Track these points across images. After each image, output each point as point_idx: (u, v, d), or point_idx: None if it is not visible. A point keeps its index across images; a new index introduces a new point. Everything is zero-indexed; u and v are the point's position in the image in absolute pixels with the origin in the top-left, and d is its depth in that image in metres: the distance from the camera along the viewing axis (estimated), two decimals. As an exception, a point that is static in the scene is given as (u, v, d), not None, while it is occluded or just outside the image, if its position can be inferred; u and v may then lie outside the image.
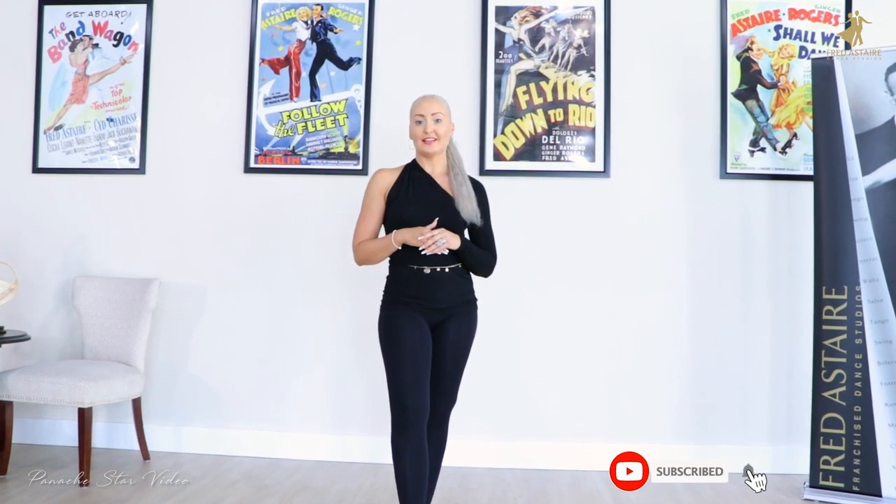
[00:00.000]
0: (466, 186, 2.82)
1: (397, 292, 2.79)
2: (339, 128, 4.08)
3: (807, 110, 3.91)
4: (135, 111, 4.18)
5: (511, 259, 3.56)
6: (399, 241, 2.72)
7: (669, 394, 3.94)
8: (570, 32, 4.03)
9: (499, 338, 3.85)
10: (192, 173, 4.15)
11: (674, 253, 3.98)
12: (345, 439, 3.99)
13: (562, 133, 4.00)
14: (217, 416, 4.06)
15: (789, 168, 3.94)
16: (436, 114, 2.78)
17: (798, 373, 3.87)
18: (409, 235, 2.69)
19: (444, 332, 2.78)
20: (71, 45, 4.24)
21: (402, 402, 2.64)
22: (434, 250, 2.66)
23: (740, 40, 3.99)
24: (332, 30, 4.12)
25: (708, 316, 3.95)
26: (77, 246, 4.17)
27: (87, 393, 3.46)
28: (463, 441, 3.74)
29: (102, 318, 3.95)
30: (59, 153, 4.20)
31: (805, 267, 3.86)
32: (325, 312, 4.05)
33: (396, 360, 2.68)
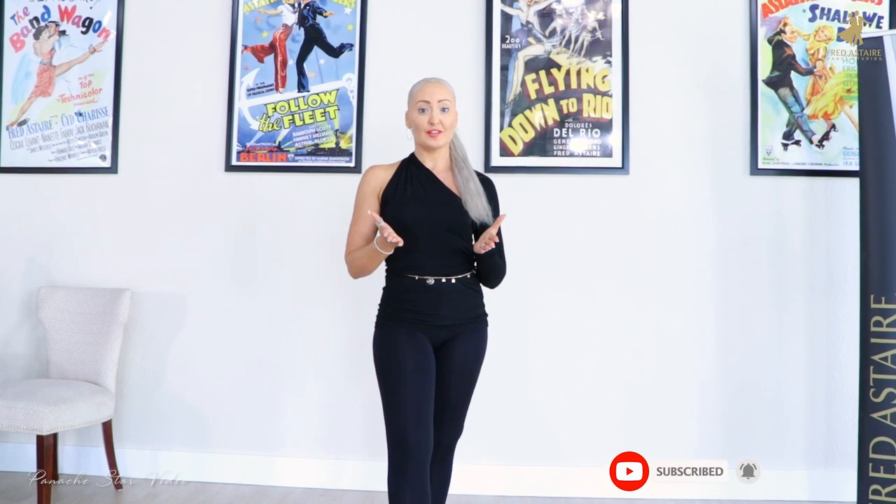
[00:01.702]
0: (474, 182, 2.47)
1: (395, 307, 2.45)
2: (329, 121, 3.76)
3: (846, 98, 3.57)
4: (106, 104, 3.86)
5: (520, 265, 3.24)
6: (378, 242, 2.34)
7: (695, 412, 3.62)
8: (583, 14, 3.69)
9: (506, 351, 3.52)
10: (169, 172, 3.84)
11: (699, 258, 3.65)
12: (338, 464, 3.68)
13: (575, 125, 3.68)
14: (197, 440, 3.75)
15: (827, 163, 3.61)
16: (442, 101, 2.44)
17: (839, 390, 3.56)
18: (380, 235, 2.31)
19: (449, 353, 2.44)
20: (35, 33, 3.92)
21: (401, 438, 2.29)
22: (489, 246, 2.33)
23: (772, 22, 3.65)
24: (321, 13, 3.80)
25: (737, 327, 3.63)
26: (42, 252, 3.85)
27: (46, 419, 3.11)
28: (467, 466, 3.40)
29: (70, 333, 3.63)
30: (23, 151, 3.88)
31: (845, 272, 3.57)
32: (316, 324, 3.74)
33: (394, 389, 2.33)
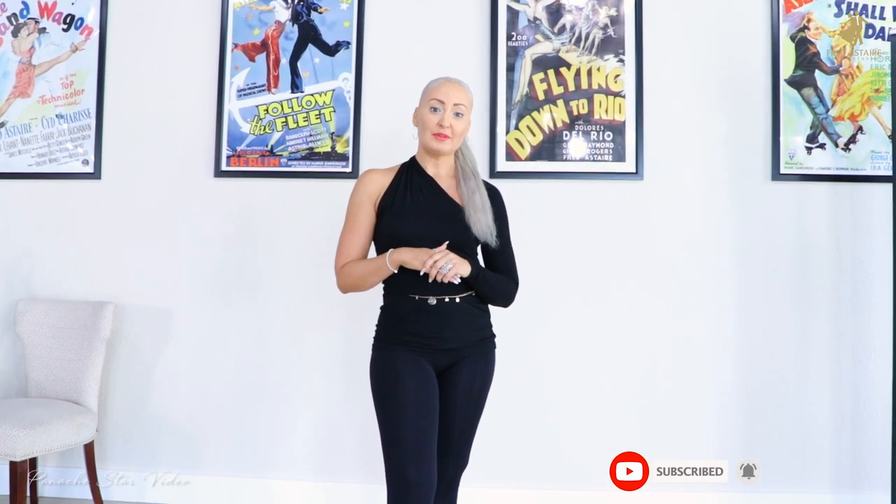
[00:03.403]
0: (480, 194, 2.28)
1: (394, 329, 2.25)
2: (324, 123, 3.58)
3: (875, 99, 3.38)
4: (88, 106, 3.68)
5: (528, 275, 3.04)
6: (396, 262, 2.18)
7: (713, 433, 3.44)
8: (594, 10, 3.51)
9: (513, 366, 3.31)
10: (155, 178, 3.66)
11: (717, 269, 3.48)
12: (333, 488, 3.51)
13: (586, 128, 3.49)
14: (185, 462, 3.57)
15: (853, 167, 3.42)
16: (458, 105, 2.27)
17: (867, 408, 3.39)
18: (410, 256, 2.16)
19: (454, 379, 2.26)
20: (13, 30, 3.73)
21: (402, 477, 2.10)
22: (440, 278, 2.09)
23: (795, 18, 3.46)
24: (316, 9, 3.62)
25: (757, 340, 3.45)
26: (21, 263, 3.67)
27: (19, 443, 2.91)
28: (474, 490, 3.21)
29: (49, 349, 3.43)
30: (2, 155, 3.70)
31: (873, 283, 3.39)
32: (310, 339, 3.56)
33: (395, 423, 2.13)
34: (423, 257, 2.13)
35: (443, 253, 2.13)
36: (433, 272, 2.10)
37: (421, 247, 2.18)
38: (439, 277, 2.11)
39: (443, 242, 2.18)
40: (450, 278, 2.11)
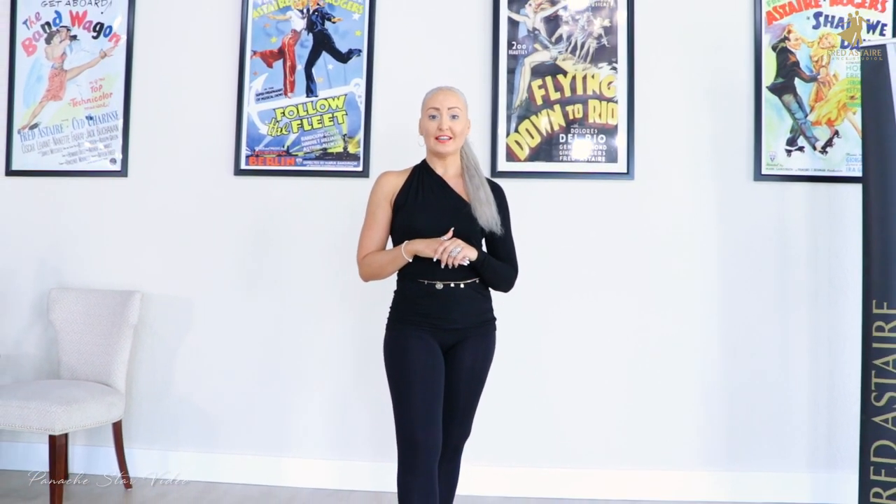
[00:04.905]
0: (484, 190, 2.51)
1: (406, 311, 2.49)
2: (337, 126, 3.78)
3: (850, 105, 3.60)
4: (116, 108, 3.88)
5: (526, 269, 3.25)
6: (410, 252, 2.42)
7: (698, 416, 3.64)
8: (589, 21, 3.71)
9: (512, 354, 3.54)
10: (178, 176, 3.86)
11: (703, 262, 3.68)
12: (346, 465, 3.70)
13: (581, 131, 3.70)
14: (206, 440, 3.77)
15: (830, 169, 3.63)
16: (452, 108, 2.48)
17: (841, 394, 3.59)
18: (423, 246, 2.39)
19: (458, 356, 2.48)
20: (47, 37, 3.94)
21: (410, 437, 2.33)
22: (451, 262, 2.33)
23: (776, 29, 3.67)
24: (329, 19, 3.81)
25: (740, 331, 3.65)
26: (53, 255, 3.87)
27: (58, 418, 3.14)
28: (474, 467, 3.45)
29: (80, 334, 3.66)
30: (35, 154, 3.90)
31: (848, 278, 3.59)
32: (324, 326, 3.75)
33: (404, 390, 2.37)
34: (435, 245, 2.36)
35: (451, 240, 2.37)
36: (444, 257, 2.34)
37: (431, 237, 2.42)
38: (450, 261, 2.34)
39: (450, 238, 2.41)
40: (459, 260, 2.34)
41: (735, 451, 3.61)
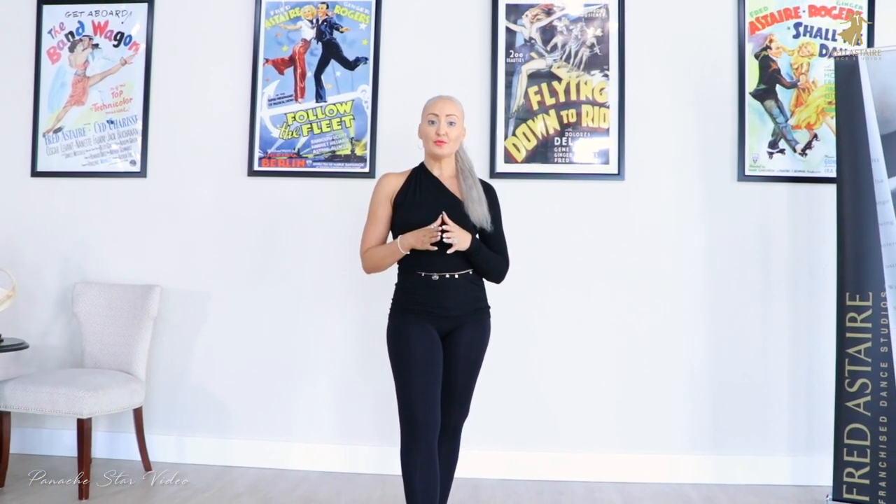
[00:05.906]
0: (477, 189, 2.72)
1: (406, 300, 2.70)
2: (345, 129, 3.98)
3: (828, 110, 3.80)
4: (136, 113, 4.09)
5: (522, 264, 3.48)
6: (405, 246, 2.62)
7: (685, 403, 3.84)
8: (582, 31, 3.92)
9: (509, 345, 3.76)
10: (195, 176, 4.06)
11: (690, 258, 3.88)
12: (352, 449, 3.90)
13: (575, 134, 3.90)
14: (220, 426, 3.97)
15: (809, 170, 3.83)
16: (450, 115, 2.68)
17: (818, 381, 3.78)
18: (414, 239, 2.60)
19: (455, 341, 2.68)
20: (70, 46, 4.15)
21: (412, 416, 2.54)
22: (447, 238, 2.53)
23: (759, 38, 3.88)
24: (337, 29, 4.02)
25: (725, 323, 3.85)
26: (77, 251, 4.08)
27: (85, 403, 3.36)
28: (473, 451, 3.66)
29: (103, 326, 3.87)
30: (59, 156, 4.11)
31: (826, 272, 3.78)
32: (331, 319, 3.95)
33: (406, 372, 2.58)
34: (422, 234, 2.56)
35: (442, 226, 2.56)
36: (436, 237, 2.53)
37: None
38: (446, 238, 2.54)
39: (444, 223, 2.59)
40: (451, 240, 2.53)
41: (720, 436, 3.81)
